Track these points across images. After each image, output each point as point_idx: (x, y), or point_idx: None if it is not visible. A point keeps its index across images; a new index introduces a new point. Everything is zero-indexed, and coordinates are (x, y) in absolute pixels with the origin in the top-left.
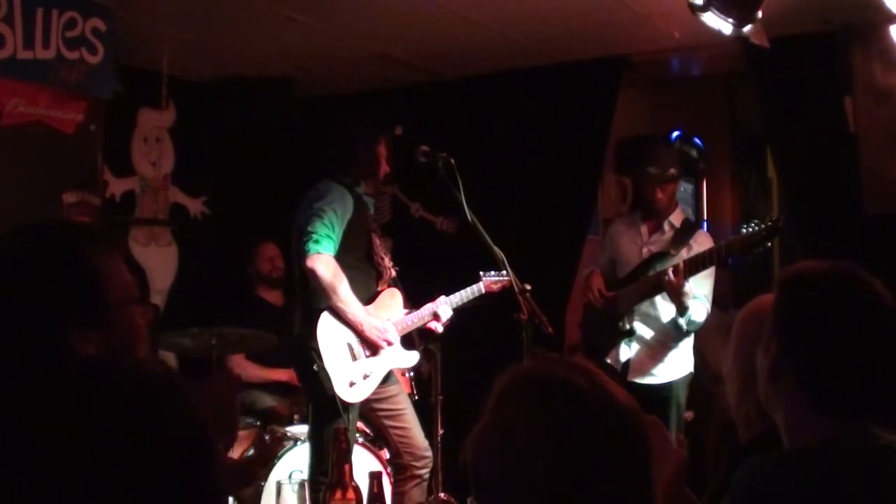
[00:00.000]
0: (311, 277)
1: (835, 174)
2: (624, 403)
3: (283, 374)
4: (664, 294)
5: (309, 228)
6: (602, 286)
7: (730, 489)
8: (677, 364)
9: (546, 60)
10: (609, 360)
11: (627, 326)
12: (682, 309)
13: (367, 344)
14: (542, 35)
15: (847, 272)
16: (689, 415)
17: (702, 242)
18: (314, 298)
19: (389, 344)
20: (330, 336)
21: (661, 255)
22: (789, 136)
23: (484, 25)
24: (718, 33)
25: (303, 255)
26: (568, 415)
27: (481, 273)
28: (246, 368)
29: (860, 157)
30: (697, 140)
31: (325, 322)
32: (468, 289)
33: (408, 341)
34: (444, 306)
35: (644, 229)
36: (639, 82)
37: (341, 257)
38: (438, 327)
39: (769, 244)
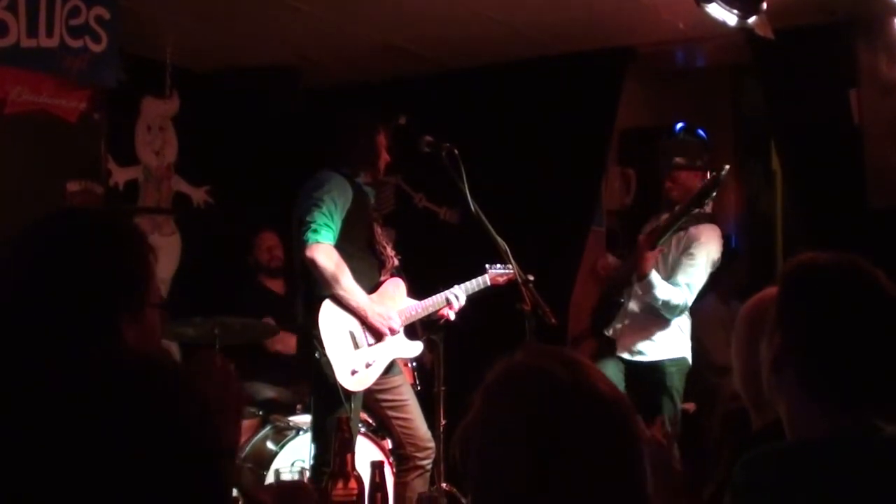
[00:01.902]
0: (311, 268)
1: (839, 167)
2: (605, 392)
3: None
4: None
5: (307, 218)
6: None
7: (731, 481)
8: (666, 343)
9: (550, 51)
10: (608, 333)
11: (624, 301)
12: (640, 272)
13: (371, 332)
14: (547, 25)
15: (849, 264)
16: (690, 406)
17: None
18: (316, 287)
19: (393, 331)
20: (332, 324)
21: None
22: (794, 128)
23: (488, 15)
24: (723, 24)
25: (302, 245)
26: (541, 406)
27: (487, 266)
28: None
29: (865, 151)
30: (701, 132)
31: (327, 310)
32: (474, 280)
33: (411, 331)
34: (459, 292)
35: (663, 219)
36: (643, 73)
37: (342, 246)
38: (451, 314)
39: (715, 193)
